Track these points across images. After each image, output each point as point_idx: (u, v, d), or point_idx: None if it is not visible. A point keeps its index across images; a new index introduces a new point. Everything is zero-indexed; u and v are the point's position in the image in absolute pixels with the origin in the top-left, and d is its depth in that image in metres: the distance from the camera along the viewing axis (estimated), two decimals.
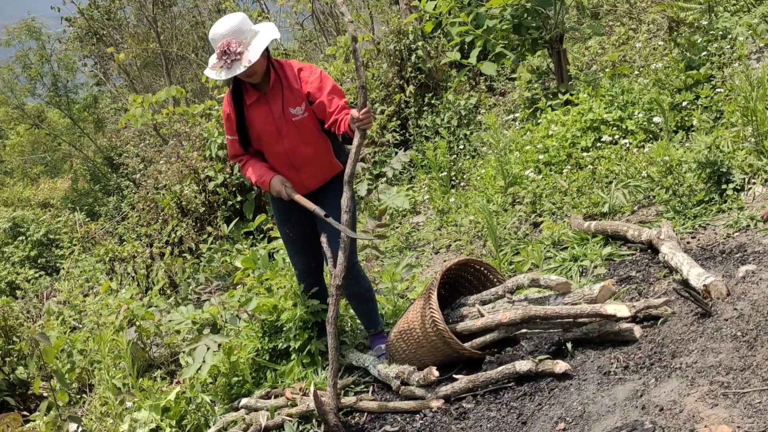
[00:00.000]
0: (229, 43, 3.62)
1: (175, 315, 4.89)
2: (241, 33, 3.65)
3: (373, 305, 4.23)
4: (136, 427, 4.23)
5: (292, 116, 3.80)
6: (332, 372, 3.52)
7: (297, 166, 3.91)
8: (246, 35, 3.66)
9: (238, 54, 3.62)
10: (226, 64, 3.64)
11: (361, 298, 4.16)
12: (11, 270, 12.11)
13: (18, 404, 5.57)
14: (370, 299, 4.20)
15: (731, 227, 4.24)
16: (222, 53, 3.63)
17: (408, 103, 8.65)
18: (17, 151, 25.11)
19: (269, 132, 3.85)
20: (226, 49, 3.62)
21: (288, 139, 3.84)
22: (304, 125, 3.82)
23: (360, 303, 4.20)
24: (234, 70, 3.64)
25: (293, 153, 3.87)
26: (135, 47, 16.59)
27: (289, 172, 3.92)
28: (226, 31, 3.64)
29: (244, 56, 3.63)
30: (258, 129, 3.87)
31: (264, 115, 3.83)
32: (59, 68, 24.48)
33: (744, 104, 4.86)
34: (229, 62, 3.63)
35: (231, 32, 3.63)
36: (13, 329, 6.00)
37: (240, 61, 3.63)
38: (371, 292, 4.20)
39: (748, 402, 2.61)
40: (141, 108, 7.81)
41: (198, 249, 7.33)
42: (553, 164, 5.87)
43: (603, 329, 3.45)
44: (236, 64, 3.64)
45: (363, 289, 4.13)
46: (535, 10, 6.84)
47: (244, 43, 3.65)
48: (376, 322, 4.25)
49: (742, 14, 6.57)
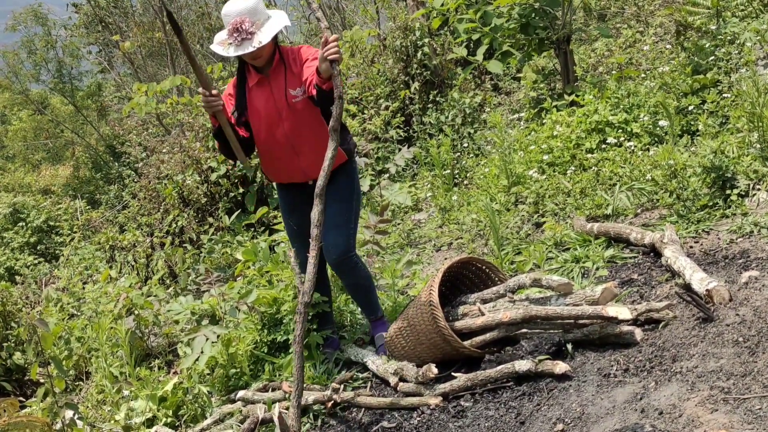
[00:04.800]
0: (243, 21, 3.61)
1: (174, 305, 4.88)
2: (256, 14, 3.65)
3: (372, 294, 4.20)
4: (132, 416, 4.22)
5: (292, 97, 3.78)
6: (296, 394, 3.31)
7: (297, 151, 3.87)
8: (259, 16, 3.67)
9: (250, 33, 3.62)
10: (236, 41, 3.64)
11: (359, 288, 4.14)
12: (10, 256, 12.12)
13: (14, 390, 5.57)
14: (369, 288, 4.17)
15: (735, 233, 4.23)
16: (234, 30, 3.63)
17: (413, 100, 8.63)
18: (19, 136, 25.10)
19: (269, 114, 3.83)
20: (239, 27, 3.61)
21: (288, 121, 3.82)
22: (304, 108, 3.80)
23: (359, 293, 4.18)
24: (243, 49, 3.64)
25: (293, 135, 3.84)
26: (140, 36, 16.56)
27: (290, 158, 3.90)
28: (241, 9, 3.64)
29: (255, 37, 3.63)
30: (258, 110, 3.85)
31: (265, 97, 3.82)
32: (64, 55, 24.45)
33: (750, 110, 4.84)
34: (239, 40, 3.63)
35: (246, 11, 3.63)
36: (11, 315, 6.00)
37: (250, 40, 3.63)
38: (369, 280, 4.16)
39: (748, 408, 2.60)
40: (145, 96, 7.81)
41: (199, 240, 7.32)
42: (557, 165, 5.86)
43: (604, 331, 3.44)
44: (246, 42, 3.64)
45: (361, 279, 4.10)
46: (543, 10, 6.83)
47: (257, 24, 3.65)
48: (376, 308, 4.23)
49: (750, 20, 6.55)
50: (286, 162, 3.90)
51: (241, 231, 6.73)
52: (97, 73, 23.04)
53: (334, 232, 3.87)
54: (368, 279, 4.15)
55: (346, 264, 3.98)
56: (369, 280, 4.16)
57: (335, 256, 3.93)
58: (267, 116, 3.84)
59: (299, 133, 3.84)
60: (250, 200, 7.35)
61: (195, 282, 6.18)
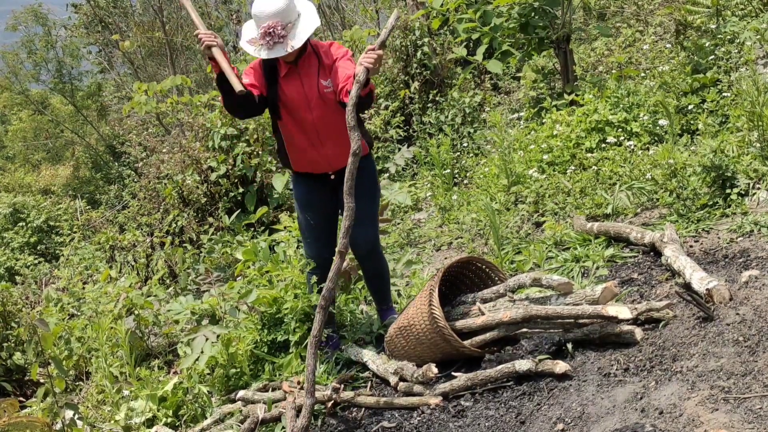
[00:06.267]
0: (276, 25, 3.61)
1: (174, 305, 4.88)
2: (288, 15, 3.65)
3: (388, 283, 4.40)
4: (132, 416, 4.22)
5: (324, 87, 3.81)
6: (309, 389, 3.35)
7: (322, 140, 3.92)
8: (291, 17, 3.66)
9: (281, 37, 3.63)
10: (268, 44, 3.64)
11: (380, 277, 4.30)
12: (10, 256, 12.13)
13: (14, 390, 5.56)
14: (388, 278, 4.37)
15: (735, 232, 4.22)
16: (265, 33, 3.63)
17: (412, 99, 8.63)
18: (19, 137, 25.12)
19: (299, 103, 3.86)
20: (271, 31, 3.61)
21: (318, 110, 3.85)
22: (333, 98, 3.82)
23: (379, 281, 4.33)
24: (276, 52, 3.66)
25: (321, 124, 3.87)
26: (140, 36, 16.57)
27: (315, 147, 3.94)
28: (272, 12, 3.62)
29: (288, 41, 3.64)
30: (290, 99, 3.87)
31: (296, 87, 3.84)
32: (64, 55, 24.48)
33: (750, 109, 4.84)
34: (271, 43, 3.64)
35: (277, 14, 3.62)
36: (11, 315, 6.00)
37: (283, 44, 3.64)
38: (388, 269, 4.37)
39: (748, 407, 2.60)
40: (145, 96, 7.82)
41: (199, 239, 7.32)
42: (556, 164, 5.86)
43: (604, 331, 3.44)
44: (279, 46, 3.65)
45: (382, 269, 4.28)
46: (543, 10, 6.83)
47: (289, 27, 3.65)
48: (389, 298, 4.41)
49: (750, 19, 6.55)
50: (311, 150, 3.95)
51: (241, 231, 6.73)
52: (97, 73, 23.06)
53: (363, 227, 3.97)
54: (387, 268, 4.36)
55: (374, 254, 4.15)
56: (388, 269, 4.36)
57: (366, 248, 4.09)
58: (297, 105, 3.87)
59: (327, 122, 3.88)
60: (250, 200, 7.35)
61: (195, 282, 6.18)
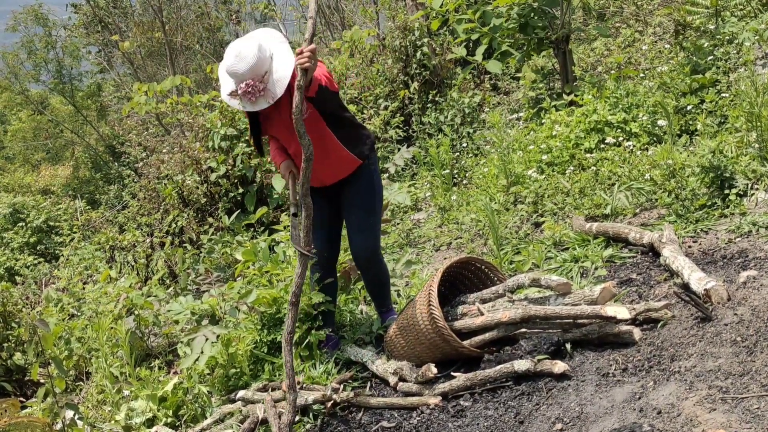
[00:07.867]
0: (252, 82, 3.57)
1: (174, 305, 4.89)
2: (260, 68, 3.58)
3: (389, 286, 4.44)
4: (132, 416, 4.23)
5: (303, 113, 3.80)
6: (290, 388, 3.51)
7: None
8: (264, 66, 3.60)
9: (262, 90, 3.60)
10: (249, 100, 3.63)
11: (380, 282, 4.34)
12: (10, 256, 12.13)
13: (15, 390, 5.57)
14: (388, 282, 4.40)
15: (733, 232, 4.23)
16: (244, 93, 3.59)
17: (412, 100, 8.64)
18: (19, 137, 25.13)
19: (282, 134, 3.93)
20: (249, 90, 3.58)
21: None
22: (310, 122, 3.81)
23: (379, 286, 4.37)
24: (259, 105, 3.64)
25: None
26: (140, 36, 16.58)
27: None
28: (245, 71, 3.55)
29: (268, 92, 3.61)
30: (273, 131, 3.96)
31: (276, 121, 3.89)
32: (64, 55, 24.49)
33: (749, 110, 4.85)
34: (254, 99, 3.62)
35: (250, 71, 3.56)
36: (11, 315, 6.00)
37: (264, 96, 3.62)
38: (388, 274, 4.39)
39: (746, 407, 2.61)
40: (145, 96, 7.83)
41: (198, 240, 7.33)
42: (555, 165, 5.87)
43: (602, 331, 3.45)
44: (261, 99, 3.62)
45: (382, 274, 4.31)
46: (542, 10, 6.84)
47: (266, 77, 3.61)
48: (389, 301, 4.45)
49: (749, 19, 6.56)
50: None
51: (241, 231, 6.74)
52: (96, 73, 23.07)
53: (362, 236, 4.07)
54: (388, 273, 4.39)
55: (373, 262, 4.20)
56: (388, 274, 4.40)
57: (365, 257, 4.15)
58: (283, 136, 3.93)
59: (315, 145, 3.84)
60: (250, 200, 7.36)
61: (195, 282, 6.19)
